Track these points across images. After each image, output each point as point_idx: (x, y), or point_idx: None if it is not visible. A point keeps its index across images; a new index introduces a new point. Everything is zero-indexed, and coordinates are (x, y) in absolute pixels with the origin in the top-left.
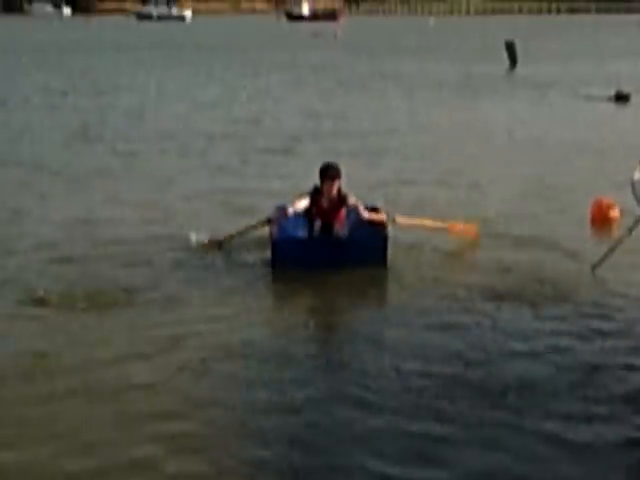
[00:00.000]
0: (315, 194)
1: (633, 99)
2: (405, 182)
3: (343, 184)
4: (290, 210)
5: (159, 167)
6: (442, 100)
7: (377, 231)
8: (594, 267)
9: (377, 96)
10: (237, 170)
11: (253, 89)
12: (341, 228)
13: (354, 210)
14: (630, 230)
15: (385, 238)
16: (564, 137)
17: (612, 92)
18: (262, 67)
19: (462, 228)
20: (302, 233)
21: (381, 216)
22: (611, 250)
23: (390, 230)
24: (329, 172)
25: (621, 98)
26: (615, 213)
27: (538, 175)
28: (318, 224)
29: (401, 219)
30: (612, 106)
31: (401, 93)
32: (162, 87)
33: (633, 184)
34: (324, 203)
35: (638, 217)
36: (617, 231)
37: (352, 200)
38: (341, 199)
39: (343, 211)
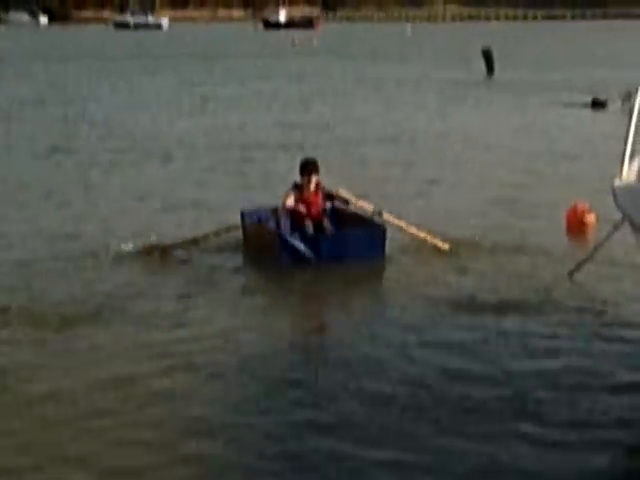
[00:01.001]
0: (296, 189)
1: (610, 106)
2: (383, 194)
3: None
4: (283, 209)
5: (134, 178)
6: (419, 108)
7: (377, 227)
8: (571, 273)
9: (354, 105)
10: (207, 181)
11: (228, 98)
12: (328, 225)
13: (342, 205)
14: (608, 236)
15: (384, 233)
16: (541, 144)
17: (589, 99)
18: (239, 75)
19: (437, 244)
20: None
21: (369, 207)
22: (589, 256)
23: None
24: (307, 167)
25: (597, 104)
26: (591, 218)
27: (514, 182)
28: (309, 224)
29: (387, 216)
30: (589, 112)
31: (378, 102)
32: (136, 97)
33: (614, 190)
34: (306, 197)
35: (616, 223)
36: (593, 237)
37: (343, 193)
38: (325, 195)
39: (326, 205)
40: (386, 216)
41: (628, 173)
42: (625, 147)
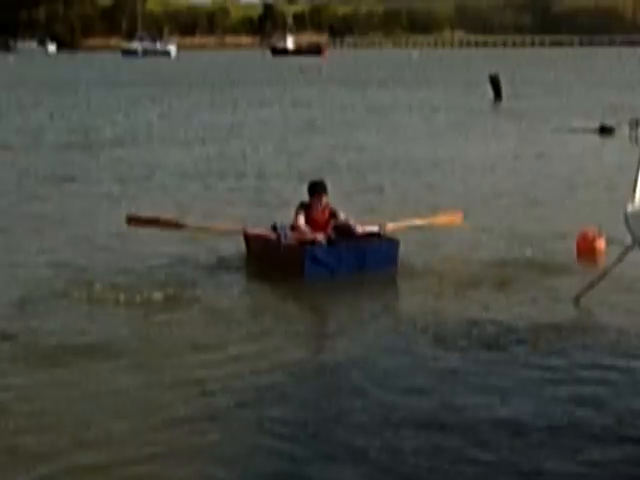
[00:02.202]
0: (305, 209)
1: (617, 132)
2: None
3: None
4: (302, 225)
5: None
6: (426, 135)
7: (390, 240)
8: (578, 297)
9: (360, 133)
10: (215, 210)
11: (237, 125)
12: (339, 241)
13: (345, 225)
14: (617, 261)
15: (398, 245)
16: (549, 170)
17: (596, 125)
18: (246, 103)
19: (447, 218)
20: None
21: (373, 227)
22: (596, 281)
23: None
24: (317, 188)
25: (605, 131)
26: (601, 244)
27: (522, 208)
28: (323, 238)
29: (391, 226)
30: (597, 139)
31: (384, 130)
32: (140, 125)
33: (626, 215)
34: (314, 216)
35: (626, 248)
36: (602, 262)
37: (342, 215)
38: (331, 213)
39: (331, 223)
40: (390, 226)
41: None
42: (637, 173)
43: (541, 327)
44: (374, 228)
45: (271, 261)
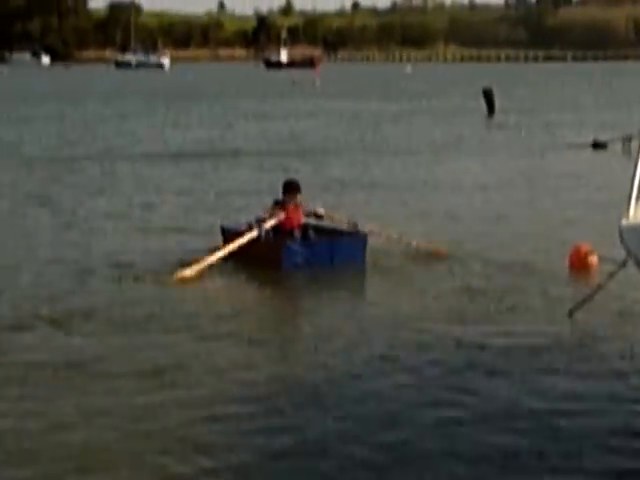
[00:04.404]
0: (277, 205)
1: (610, 147)
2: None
3: None
4: (267, 223)
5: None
6: (418, 151)
7: (359, 235)
8: (572, 311)
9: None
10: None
11: (226, 138)
12: (312, 236)
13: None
14: (611, 276)
15: (365, 240)
16: (542, 185)
17: (589, 140)
18: (238, 115)
19: (433, 249)
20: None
21: (342, 224)
22: (590, 295)
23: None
24: (291, 186)
25: (598, 146)
26: (593, 260)
27: (515, 223)
28: (298, 233)
29: (370, 226)
30: (590, 153)
31: (379, 144)
32: (125, 138)
33: (621, 230)
34: (287, 213)
35: (620, 263)
36: (595, 277)
37: (320, 211)
38: (302, 211)
39: (301, 221)
40: (369, 226)
41: (635, 213)
42: (631, 188)
43: (531, 340)
44: (345, 221)
45: (250, 255)
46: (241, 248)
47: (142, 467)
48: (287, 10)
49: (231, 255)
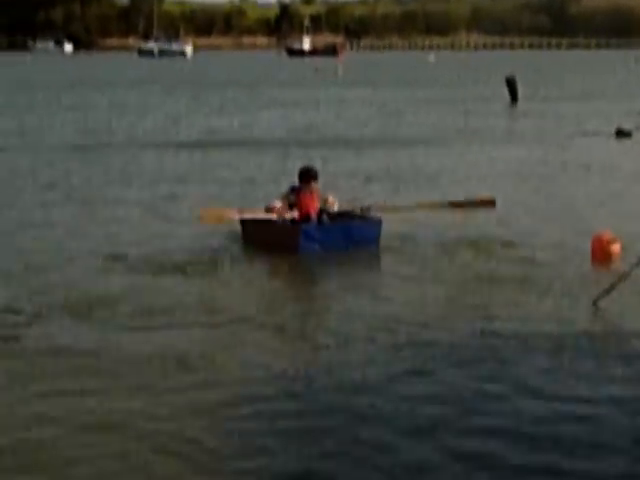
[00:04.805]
0: (293, 192)
1: (635, 135)
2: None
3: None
4: (278, 204)
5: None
6: (441, 140)
7: (374, 219)
8: (595, 301)
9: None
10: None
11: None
12: (327, 222)
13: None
14: (635, 265)
15: (380, 224)
16: (566, 173)
17: (613, 128)
18: (261, 104)
19: (480, 202)
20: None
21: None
22: (614, 285)
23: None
24: (309, 174)
25: (622, 134)
26: (616, 248)
27: (540, 210)
28: (314, 218)
29: (380, 204)
30: (614, 142)
31: (403, 132)
32: (148, 126)
33: None
34: (303, 200)
35: None
36: (618, 266)
37: (331, 199)
38: (318, 198)
39: (317, 207)
40: (381, 205)
41: None
42: None
43: (555, 329)
44: (357, 207)
45: (267, 239)
46: (259, 233)
47: (166, 446)
48: None
49: (250, 239)
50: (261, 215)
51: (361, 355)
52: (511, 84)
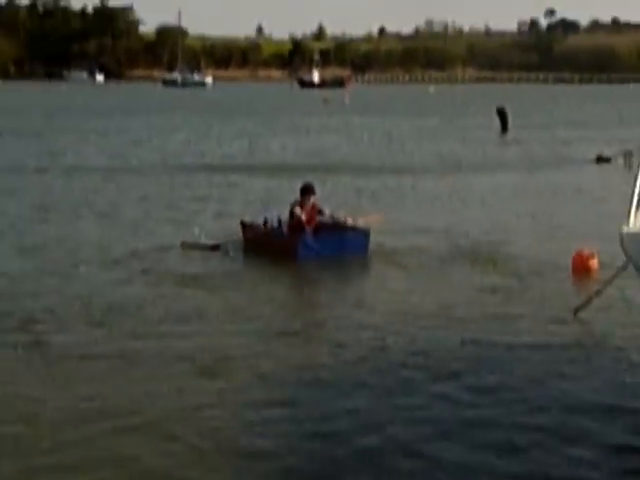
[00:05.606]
0: (296, 205)
1: (613, 161)
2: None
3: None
4: (298, 212)
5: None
6: (437, 166)
7: (363, 230)
8: (576, 311)
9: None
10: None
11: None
12: (324, 231)
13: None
14: (612, 278)
15: (369, 235)
16: (550, 196)
17: (594, 155)
18: (274, 131)
19: (371, 219)
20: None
21: (349, 219)
22: (593, 296)
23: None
24: (308, 189)
25: (602, 160)
26: (594, 263)
27: (526, 229)
28: (309, 229)
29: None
30: (594, 167)
31: (404, 159)
32: (169, 150)
33: (621, 236)
34: (304, 212)
35: (621, 266)
36: (596, 280)
37: (327, 211)
38: (316, 210)
39: (316, 219)
40: (361, 221)
41: (635, 221)
42: (632, 198)
43: (538, 338)
44: (349, 220)
45: (267, 246)
46: (263, 241)
47: (180, 439)
48: (319, 35)
49: (255, 247)
50: (255, 229)
51: (355, 356)
52: (502, 114)
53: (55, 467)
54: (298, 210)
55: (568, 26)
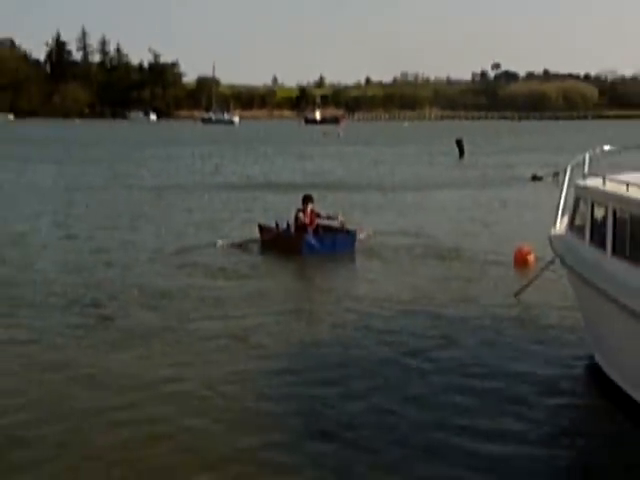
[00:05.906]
0: (300, 211)
1: (545, 180)
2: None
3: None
4: (302, 217)
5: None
6: (407, 184)
7: (351, 232)
8: (517, 294)
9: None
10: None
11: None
12: (322, 233)
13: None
14: (544, 269)
15: (355, 236)
16: (495, 206)
17: (529, 174)
18: (285, 157)
19: (364, 232)
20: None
21: (335, 222)
22: (529, 282)
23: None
24: (308, 198)
25: (536, 178)
26: (532, 257)
27: (477, 232)
28: (310, 230)
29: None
30: (530, 184)
31: (384, 178)
32: (208, 172)
33: (550, 237)
34: (305, 217)
35: (550, 260)
36: (533, 270)
37: (323, 213)
38: (315, 213)
39: (316, 221)
40: (359, 232)
41: (560, 225)
42: (558, 207)
43: (485, 314)
44: (335, 223)
45: (279, 244)
46: (275, 240)
47: (211, 414)
48: (320, 83)
49: (269, 245)
50: (270, 231)
51: (345, 334)
52: (459, 144)
53: (127, 421)
54: (302, 215)
55: (510, 76)
